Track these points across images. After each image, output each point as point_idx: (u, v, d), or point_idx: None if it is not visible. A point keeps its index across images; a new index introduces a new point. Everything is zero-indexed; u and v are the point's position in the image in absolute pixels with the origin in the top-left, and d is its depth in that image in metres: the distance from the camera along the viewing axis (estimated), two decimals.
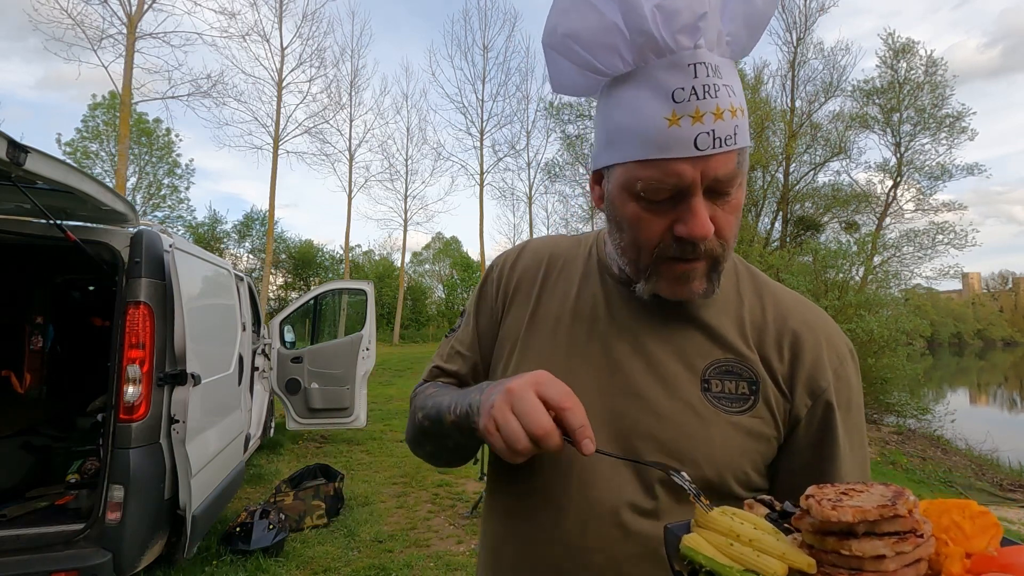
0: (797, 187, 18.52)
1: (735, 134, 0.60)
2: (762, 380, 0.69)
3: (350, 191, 26.73)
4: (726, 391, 0.69)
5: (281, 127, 22.23)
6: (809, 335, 0.71)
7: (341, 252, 32.25)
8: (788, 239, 18.20)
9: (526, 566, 0.72)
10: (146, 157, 25.39)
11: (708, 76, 0.59)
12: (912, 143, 17.55)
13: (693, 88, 0.59)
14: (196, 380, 2.81)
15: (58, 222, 2.65)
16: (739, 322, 0.73)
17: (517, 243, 0.94)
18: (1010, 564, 0.43)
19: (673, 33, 0.59)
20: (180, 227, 26.64)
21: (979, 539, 0.46)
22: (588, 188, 0.76)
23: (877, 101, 17.63)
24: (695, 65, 0.59)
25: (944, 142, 17.01)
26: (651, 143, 0.61)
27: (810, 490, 0.50)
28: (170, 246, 2.79)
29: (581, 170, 20.50)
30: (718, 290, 0.71)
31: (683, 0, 0.58)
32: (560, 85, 0.71)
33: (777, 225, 18.94)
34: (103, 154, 24.14)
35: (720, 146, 0.59)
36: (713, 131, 0.59)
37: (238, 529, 3.49)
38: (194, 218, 28.03)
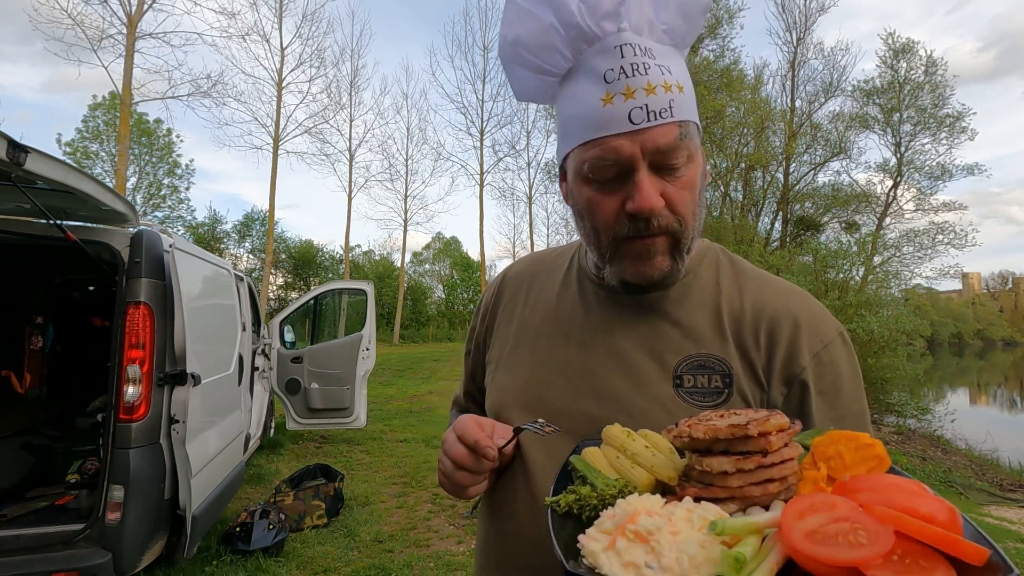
0: (797, 187, 18.50)
1: (671, 107, 0.63)
2: (736, 373, 0.69)
3: (350, 191, 26.76)
4: (699, 386, 0.69)
5: (281, 127, 22.26)
6: (786, 320, 0.70)
7: (341, 252, 32.30)
8: (788, 239, 18.18)
9: (506, 563, 0.75)
10: (146, 157, 25.38)
11: (636, 56, 0.63)
12: (912, 143, 17.53)
13: (622, 68, 0.63)
14: (196, 380, 2.81)
15: (58, 222, 2.65)
16: (716, 314, 0.72)
17: (521, 254, 1.00)
18: (855, 488, 0.43)
19: (597, 20, 0.64)
20: (180, 227, 26.64)
21: (857, 468, 0.47)
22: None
23: (877, 101, 17.60)
24: (621, 47, 0.64)
25: (944, 142, 16.97)
26: (590, 125, 0.65)
27: (704, 414, 0.54)
28: (170, 246, 2.79)
29: None
30: (682, 271, 0.71)
31: None
32: (521, 92, 0.76)
33: (777, 225, 18.92)
34: (103, 154, 24.14)
35: (655, 119, 0.62)
36: (646, 105, 0.62)
37: (238, 529, 3.49)
38: (194, 218, 28.05)
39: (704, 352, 0.70)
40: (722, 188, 16.63)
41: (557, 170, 0.78)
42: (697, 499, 0.49)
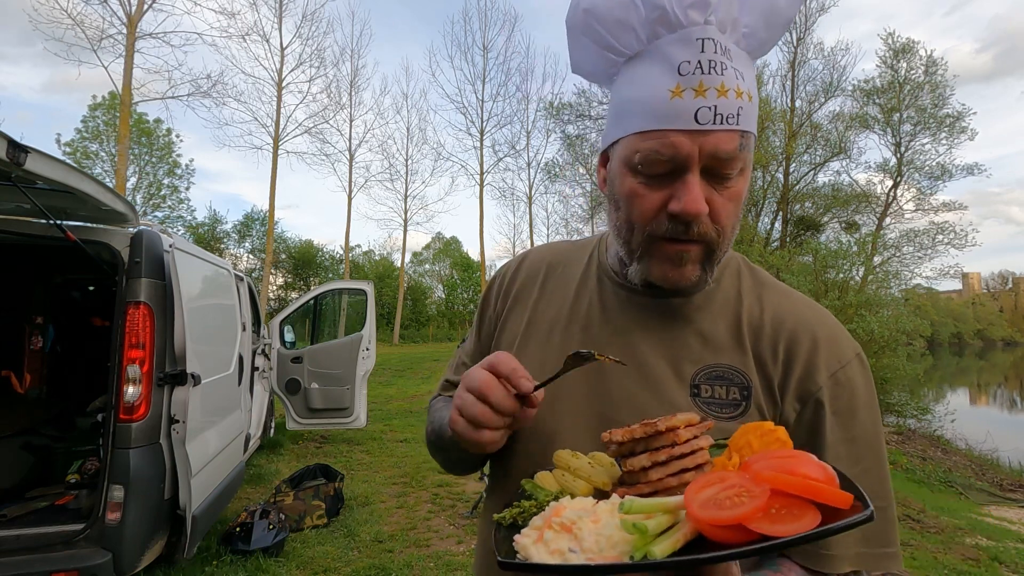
0: (797, 187, 18.50)
1: (738, 115, 0.60)
2: (754, 386, 0.67)
3: (350, 191, 26.76)
4: (716, 396, 0.68)
5: (281, 127, 22.25)
6: (806, 337, 0.68)
7: (341, 252, 32.30)
8: (788, 239, 18.19)
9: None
10: (146, 157, 25.38)
11: (716, 53, 0.60)
12: (912, 143, 17.53)
13: (699, 62, 0.59)
14: (196, 380, 2.81)
15: (58, 222, 2.65)
16: (736, 324, 0.71)
17: (519, 252, 0.96)
18: (751, 463, 0.47)
19: (684, 7, 0.60)
20: (180, 227, 26.64)
21: (764, 453, 0.51)
22: (588, 188, 0.77)
23: (877, 101, 17.60)
24: (703, 40, 0.60)
25: (944, 142, 16.98)
26: (652, 114, 0.61)
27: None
28: (170, 246, 2.79)
29: (581, 170, 20.48)
30: (711, 282, 0.69)
31: None
32: (579, 66, 0.72)
33: (777, 225, 18.92)
34: (103, 154, 24.14)
35: (721, 123, 0.59)
36: (715, 107, 0.59)
37: (238, 529, 3.49)
38: (194, 218, 28.05)
39: (723, 363, 0.69)
40: None
41: (598, 154, 0.75)
42: None
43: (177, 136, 26.39)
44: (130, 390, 2.54)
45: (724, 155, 0.60)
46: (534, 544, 0.48)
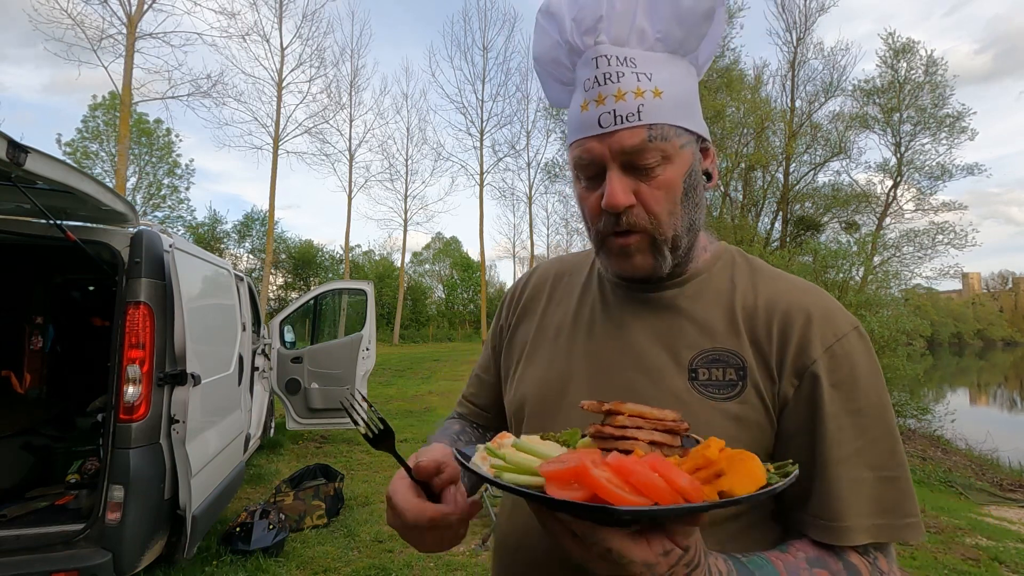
0: (797, 187, 18.48)
1: (639, 112, 0.67)
2: (750, 366, 0.70)
3: (350, 191, 26.77)
4: (713, 379, 0.71)
5: (281, 127, 22.24)
6: (799, 313, 0.70)
7: (341, 252, 32.30)
8: (788, 239, 18.17)
9: (523, 556, 0.77)
10: (146, 157, 25.38)
11: (610, 65, 0.69)
12: (912, 143, 17.52)
13: (595, 77, 0.70)
14: (196, 380, 2.81)
15: (58, 222, 2.65)
16: (729, 310, 0.74)
17: (521, 255, 1.04)
18: (647, 460, 0.50)
19: (580, 36, 0.72)
20: (180, 227, 26.65)
21: (691, 463, 0.55)
22: None
23: (877, 101, 17.59)
24: (597, 58, 0.70)
25: (944, 142, 16.96)
26: (573, 127, 0.73)
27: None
28: (170, 246, 2.79)
29: None
30: (667, 266, 0.74)
31: (587, 9, 0.71)
32: (553, 99, 0.83)
33: (777, 225, 18.91)
34: (103, 154, 24.14)
35: (622, 123, 0.67)
36: (614, 110, 0.68)
37: (238, 529, 3.49)
38: (194, 218, 28.06)
39: (719, 346, 0.72)
40: (722, 188, 16.63)
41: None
42: None
43: (177, 136, 26.44)
44: (130, 390, 2.54)
45: (631, 149, 0.67)
46: (477, 453, 0.62)
